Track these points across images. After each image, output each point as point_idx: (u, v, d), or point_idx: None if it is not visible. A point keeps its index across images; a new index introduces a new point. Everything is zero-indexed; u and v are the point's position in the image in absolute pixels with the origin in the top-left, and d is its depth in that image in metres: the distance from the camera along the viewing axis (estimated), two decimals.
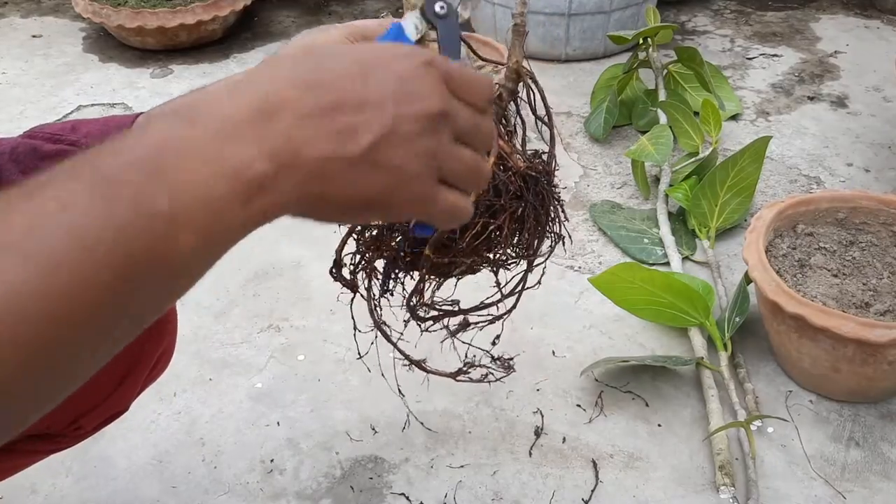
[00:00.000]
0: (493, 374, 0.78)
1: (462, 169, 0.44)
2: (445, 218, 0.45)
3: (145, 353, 0.69)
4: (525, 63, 0.67)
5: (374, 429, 1.01)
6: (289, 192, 0.38)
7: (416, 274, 0.65)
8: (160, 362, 0.73)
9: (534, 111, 0.69)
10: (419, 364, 0.75)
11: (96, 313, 0.34)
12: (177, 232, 0.35)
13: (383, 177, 0.41)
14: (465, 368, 0.76)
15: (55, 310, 0.33)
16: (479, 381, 0.78)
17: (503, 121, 0.65)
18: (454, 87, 0.44)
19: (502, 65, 0.70)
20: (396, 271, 0.67)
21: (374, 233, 0.65)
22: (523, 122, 0.70)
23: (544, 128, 0.69)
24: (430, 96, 0.42)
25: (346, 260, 0.68)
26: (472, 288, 0.73)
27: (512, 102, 0.66)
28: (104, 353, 0.37)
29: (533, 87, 0.67)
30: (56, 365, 0.34)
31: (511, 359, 0.79)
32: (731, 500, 0.91)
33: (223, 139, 0.37)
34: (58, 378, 0.35)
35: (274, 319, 1.18)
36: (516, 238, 0.66)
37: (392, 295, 0.69)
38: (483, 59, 0.78)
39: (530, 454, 0.97)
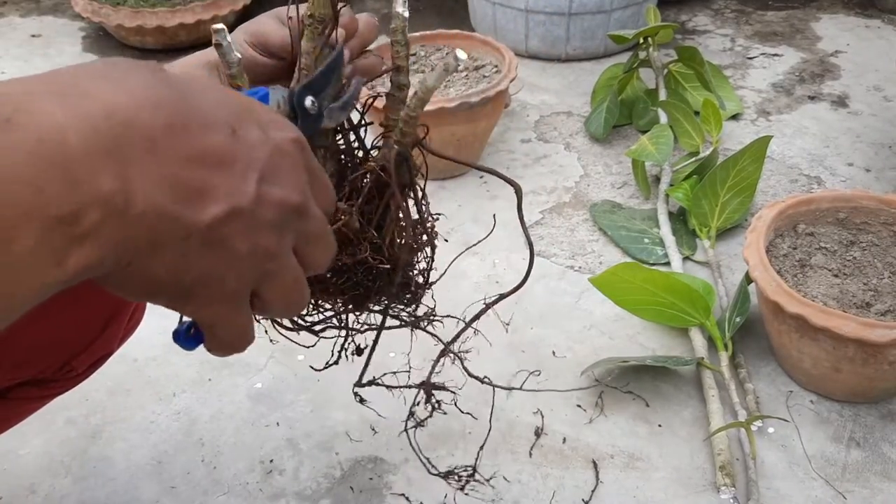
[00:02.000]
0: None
1: (285, 286, 0.37)
2: (228, 339, 0.37)
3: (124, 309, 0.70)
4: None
5: (373, 429, 1.01)
6: (105, 247, 0.29)
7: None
8: (137, 310, 0.74)
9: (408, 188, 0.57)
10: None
11: None
12: None
13: (211, 262, 0.33)
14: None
15: None
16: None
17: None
18: (312, 182, 0.37)
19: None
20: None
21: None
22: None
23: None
24: (295, 184, 0.36)
25: None
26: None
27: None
28: None
29: (406, 184, 0.56)
30: None
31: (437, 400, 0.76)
32: (731, 501, 0.90)
33: (43, 165, 0.27)
34: None
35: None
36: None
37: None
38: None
39: (530, 454, 0.97)
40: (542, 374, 1.07)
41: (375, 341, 0.70)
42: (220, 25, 0.49)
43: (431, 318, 0.67)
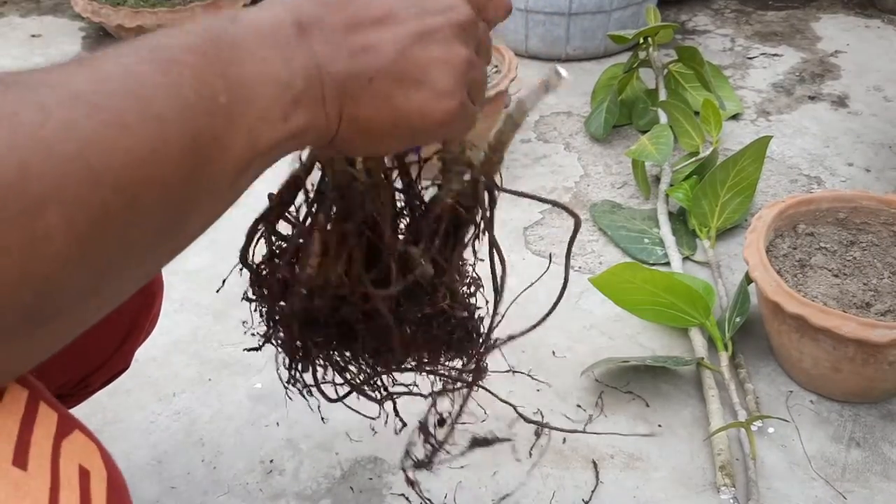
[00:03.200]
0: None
1: (481, 82, 0.43)
2: (466, 132, 0.43)
3: (141, 315, 0.72)
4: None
5: (373, 429, 1.00)
6: (317, 113, 0.37)
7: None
8: (151, 324, 0.76)
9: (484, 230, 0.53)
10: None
11: (163, 195, 0.32)
12: (231, 133, 0.34)
13: (414, 92, 0.39)
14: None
15: (125, 174, 0.30)
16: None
17: (456, 238, 0.52)
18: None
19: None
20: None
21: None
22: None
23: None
24: (458, 5, 0.41)
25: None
26: None
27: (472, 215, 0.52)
28: (157, 255, 0.34)
29: (487, 207, 0.52)
30: (114, 245, 0.31)
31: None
32: (731, 501, 0.90)
33: (265, 45, 0.36)
34: (112, 265, 0.31)
35: None
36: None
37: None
38: None
39: (530, 454, 0.97)
40: (542, 375, 1.07)
41: (459, 411, 0.65)
42: None
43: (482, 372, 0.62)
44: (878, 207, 1.11)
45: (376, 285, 0.51)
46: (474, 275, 0.57)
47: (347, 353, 0.58)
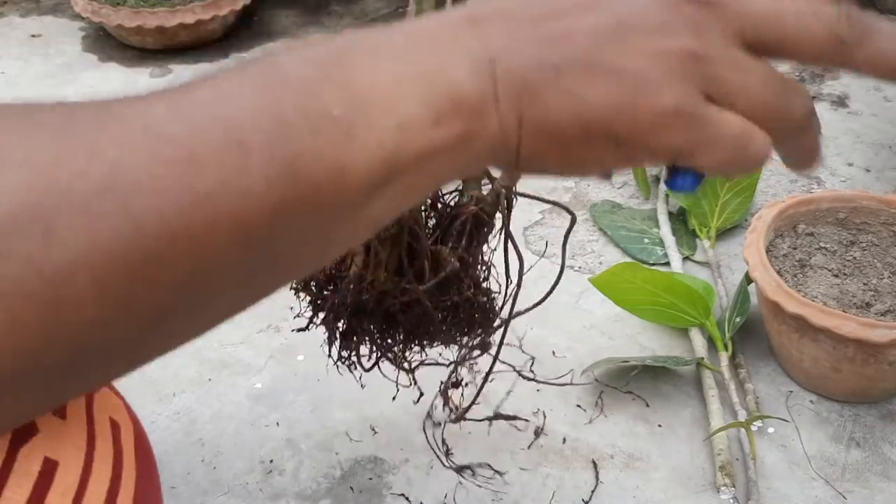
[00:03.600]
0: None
1: (735, 80, 0.31)
2: (732, 149, 0.31)
3: None
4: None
5: (373, 429, 1.01)
6: (486, 115, 0.30)
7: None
8: None
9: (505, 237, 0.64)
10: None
11: (239, 237, 0.26)
12: (347, 149, 0.28)
13: (609, 83, 0.30)
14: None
15: (178, 221, 0.25)
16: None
17: (467, 239, 0.62)
18: None
19: None
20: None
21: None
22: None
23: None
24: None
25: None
26: None
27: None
28: (223, 305, 0.30)
29: (505, 224, 0.63)
30: (168, 298, 0.27)
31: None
32: (731, 501, 0.90)
33: (418, 45, 0.30)
34: (165, 320, 0.28)
35: (273, 319, 1.18)
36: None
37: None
38: None
39: (530, 455, 0.97)
40: (541, 375, 1.07)
41: (487, 375, 0.76)
42: None
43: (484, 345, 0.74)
44: (878, 207, 1.11)
45: (414, 281, 0.60)
46: (490, 263, 0.66)
47: (388, 338, 0.68)
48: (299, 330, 0.74)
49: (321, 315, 0.69)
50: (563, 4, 0.31)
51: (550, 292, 0.68)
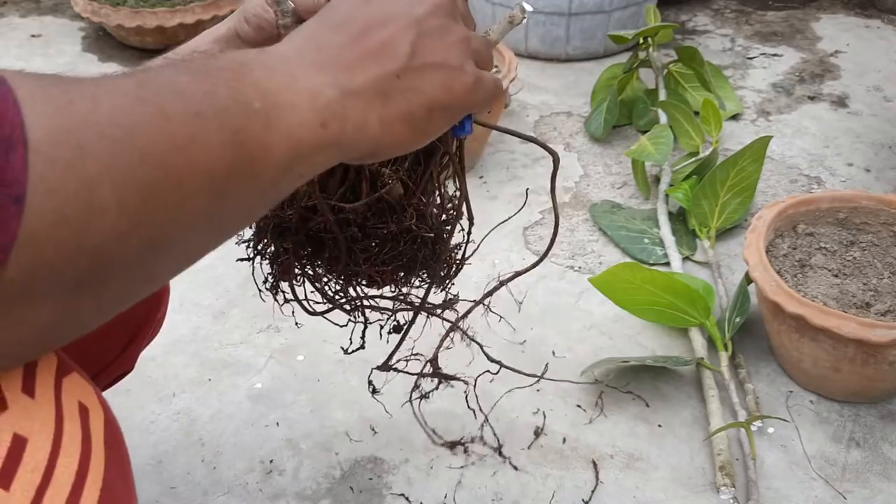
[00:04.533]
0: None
1: (483, 49, 0.46)
2: (491, 97, 0.46)
3: (147, 318, 0.73)
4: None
5: (373, 429, 1.01)
6: (357, 118, 0.40)
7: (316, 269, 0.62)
8: (157, 327, 0.77)
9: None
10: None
11: (208, 183, 0.34)
12: (270, 134, 0.37)
13: (435, 75, 0.43)
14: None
15: (169, 158, 0.33)
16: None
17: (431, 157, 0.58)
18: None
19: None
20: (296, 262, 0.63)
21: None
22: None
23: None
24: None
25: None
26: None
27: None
28: (203, 240, 0.37)
29: (454, 155, 0.58)
30: (163, 223, 0.34)
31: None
32: (731, 501, 0.90)
33: (293, 67, 0.39)
34: (160, 242, 0.34)
35: (273, 319, 1.18)
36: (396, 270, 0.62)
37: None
38: None
39: (530, 454, 0.97)
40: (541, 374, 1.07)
41: (412, 320, 0.69)
42: None
43: (450, 301, 0.67)
44: (878, 207, 1.11)
45: (348, 201, 0.56)
46: (451, 209, 0.61)
47: (318, 265, 0.62)
48: (238, 260, 0.67)
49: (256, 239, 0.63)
50: (371, 20, 0.42)
51: (549, 249, 0.63)
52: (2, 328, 0.32)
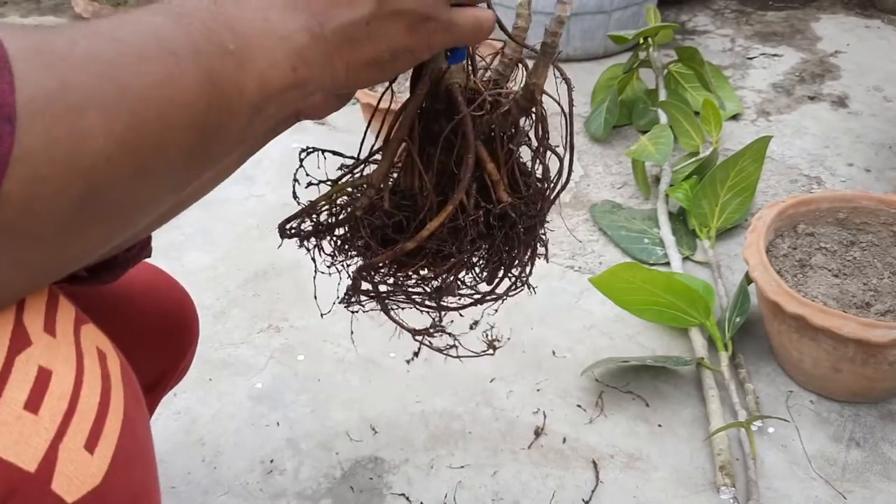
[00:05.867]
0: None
1: None
2: (474, 32, 0.49)
3: (173, 366, 0.75)
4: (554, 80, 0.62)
5: (373, 429, 1.01)
6: (324, 63, 0.42)
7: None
8: (179, 377, 0.79)
9: (541, 141, 0.62)
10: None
11: (189, 118, 0.36)
12: (243, 74, 0.39)
13: (401, 21, 0.44)
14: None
15: (148, 92, 0.35)
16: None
17: (504, 139, 0.59)
18: None
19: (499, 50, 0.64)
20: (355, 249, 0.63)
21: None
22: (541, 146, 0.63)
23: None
24: None
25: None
26: None
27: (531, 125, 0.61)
28: (188, 173, 0.39)
29: (543, 116, 0.62)
30: (150, 151, 0.35)
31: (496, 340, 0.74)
32: (731, 501, 0.90)
33: (267, 9, 0.41)
34: (150, 171, 0.36)
35: (274, 319, 1.18)
36: (475, 267, 0.62)
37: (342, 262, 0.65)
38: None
39: (530, 454, 0.97)
40: (542, 374, 1.07)
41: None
42: None
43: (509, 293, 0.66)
44: (877, 207, 1.11)
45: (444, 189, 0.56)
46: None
47: (409, 269, 0.61)
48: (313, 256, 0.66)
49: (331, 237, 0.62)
50: None
51: (565, 185, 0.63)
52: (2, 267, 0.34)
